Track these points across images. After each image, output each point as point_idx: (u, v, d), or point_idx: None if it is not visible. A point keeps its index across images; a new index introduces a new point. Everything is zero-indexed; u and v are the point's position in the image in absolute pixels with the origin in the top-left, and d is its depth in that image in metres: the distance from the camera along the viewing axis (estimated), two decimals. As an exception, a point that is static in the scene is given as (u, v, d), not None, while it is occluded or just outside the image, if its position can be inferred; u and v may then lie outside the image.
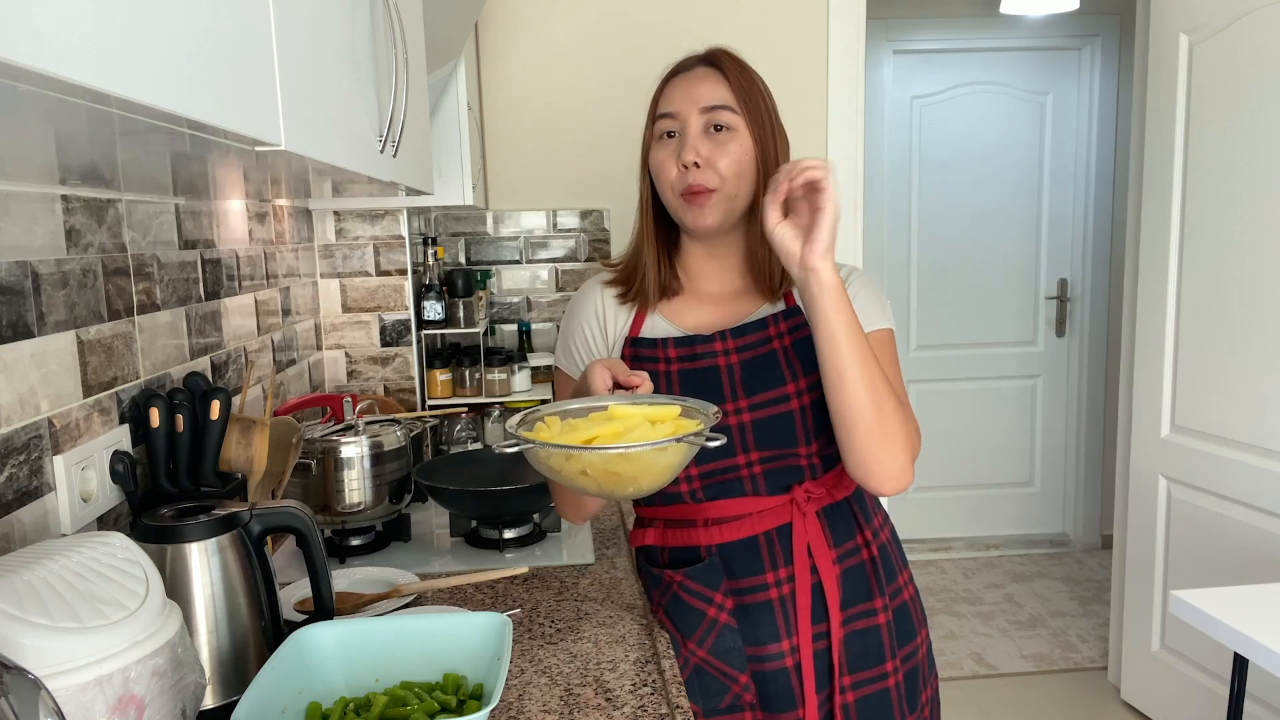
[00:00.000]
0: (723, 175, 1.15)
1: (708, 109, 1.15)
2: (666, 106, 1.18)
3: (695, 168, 1.14)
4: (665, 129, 1.18)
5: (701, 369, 1.18)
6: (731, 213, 1.18)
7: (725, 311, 1.23)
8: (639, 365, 1.20)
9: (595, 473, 0.94)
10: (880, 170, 3.90)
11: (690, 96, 1.16)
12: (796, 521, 1.16)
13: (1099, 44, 3.90)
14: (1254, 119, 2.26)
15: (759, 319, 1.19)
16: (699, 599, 1.18)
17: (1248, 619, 1.58)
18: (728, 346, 1.18)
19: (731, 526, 1.17)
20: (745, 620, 1.17)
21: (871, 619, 1.19)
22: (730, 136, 1.15)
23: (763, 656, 1.16)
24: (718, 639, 1.17)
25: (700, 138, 1.15)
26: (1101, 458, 4.11)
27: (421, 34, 1.48)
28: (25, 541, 0.97)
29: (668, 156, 1.17)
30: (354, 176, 1.16)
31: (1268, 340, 2.26)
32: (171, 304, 1.34)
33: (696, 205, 1.16)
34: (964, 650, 3.23)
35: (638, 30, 2.56)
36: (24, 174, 0.97)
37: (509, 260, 2.61)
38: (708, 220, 1.16)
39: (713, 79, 1.17)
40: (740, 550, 1.18)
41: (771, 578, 1.17)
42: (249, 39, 0.70)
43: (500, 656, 0.92)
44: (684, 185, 1.16)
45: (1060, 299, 4.05)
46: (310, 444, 1.52)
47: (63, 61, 0.44)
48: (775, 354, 1.17)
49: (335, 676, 0.95)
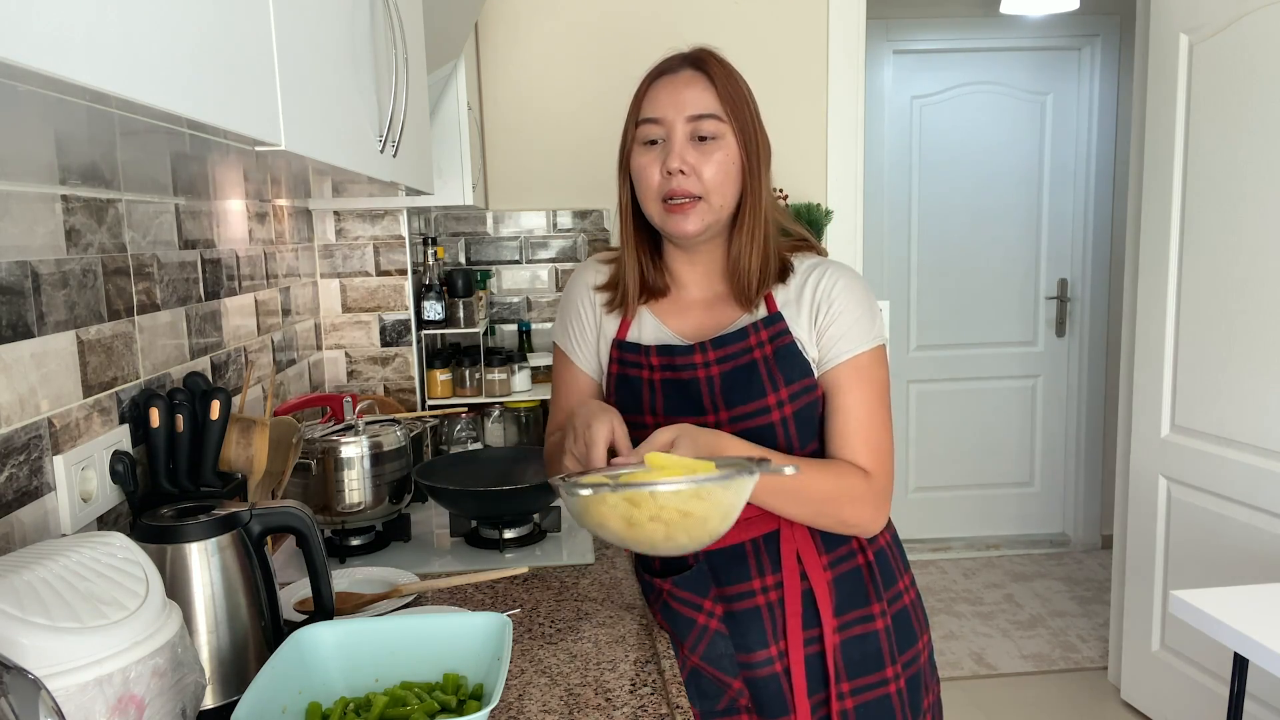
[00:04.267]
0: (707, 184, 1.13)
1: (694, 118, 1.13)
2: (651, 111, 1.15)
3: (680, 174, 1.12)
4: (649, 135, 1.15)
5: (682, 380, 1.17)
6: (715, 222, 1.16)
7: (709, 315, 1.22)
8: (624, 370, 1.21)
9: (668, 515, 0.91)
10: (880, 170, 3.90)
11: (676, 103, 1.13)
12: (784, 529, 1.16)
13: (1099, 44, 3.90)
14: (1254, 119, 2.26)
15: (739, 329, 1.18)
16: (689, 606, 1.18)
17: (1248, 619, 1.58)
18: (708, 358, 1.16)
19: None
20: (734, 627, 1.17)
21: (869, 625, 1.19)
22: (716, 146, 1.13)
23: (752, 663, 1.17)
24: (709, 645, 1.17)
25: (685, 145, 1.13)
26: (1101, 458, 4.11)
27: (421, 34, 1.48)
28: (25, 541, 0.97)
29: (651, 163, 1.15)
30: (354, 176, 1.16)
31: (1268, 340, 2.26)
32: (171, 304, 1.34)
33: (680, 213, 1.14)
34: (964, 650, 3.23)
35: (638, 30, 2.56)
36: (24, 174, 0.97)
37: (509, 260, 2.61)
38: (689, 228, 1.14)
39: (699, 85, 1.14)
40: (727, 557, 1.18)
41: (758, 584, 1.17)
42: (249, 39, 0.70)
43: (500, 656, 0.92)
44: (666, 190, 1.13)
45: (1060, 299, 4.05)
46: (310, 444, 1.52)
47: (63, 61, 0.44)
48: (755, 364, 1.15)
49: (335, 676, 0.95)
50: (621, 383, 1.21)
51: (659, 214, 1.16)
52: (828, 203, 2.61)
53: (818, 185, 2.63)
